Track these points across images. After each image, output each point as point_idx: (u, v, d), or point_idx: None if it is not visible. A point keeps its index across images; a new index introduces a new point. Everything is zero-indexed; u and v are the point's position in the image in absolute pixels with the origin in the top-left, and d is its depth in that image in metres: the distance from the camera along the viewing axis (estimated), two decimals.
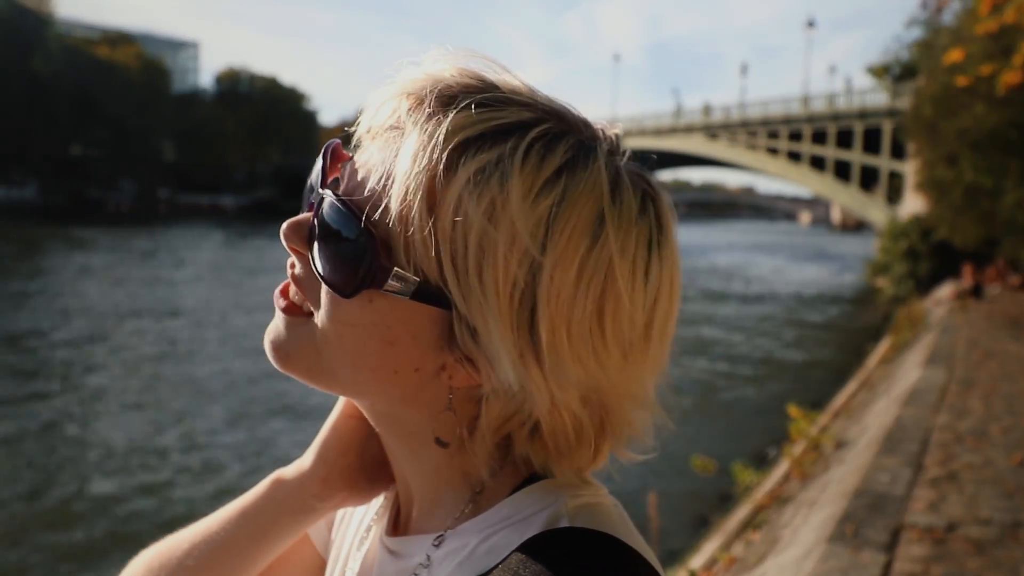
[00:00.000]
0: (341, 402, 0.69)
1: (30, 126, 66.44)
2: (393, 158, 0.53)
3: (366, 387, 0.58)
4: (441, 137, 0.50)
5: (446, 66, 0.55)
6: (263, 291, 23.75)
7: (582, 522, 0.55)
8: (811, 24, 59.82)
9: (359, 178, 0.55)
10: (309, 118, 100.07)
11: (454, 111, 0.51)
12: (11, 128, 64.72)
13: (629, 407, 0.58)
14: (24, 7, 68.27)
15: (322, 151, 0.59)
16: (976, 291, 19.02)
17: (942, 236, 21.92)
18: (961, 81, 14.40)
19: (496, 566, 0.54)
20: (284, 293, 0.60)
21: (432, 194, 0.51)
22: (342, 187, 0.57)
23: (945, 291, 20.79)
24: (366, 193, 0.53)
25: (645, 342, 0.55)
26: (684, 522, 6.85)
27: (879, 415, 7.51)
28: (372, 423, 0.64)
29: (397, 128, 0.54)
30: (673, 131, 46.15)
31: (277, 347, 0.59)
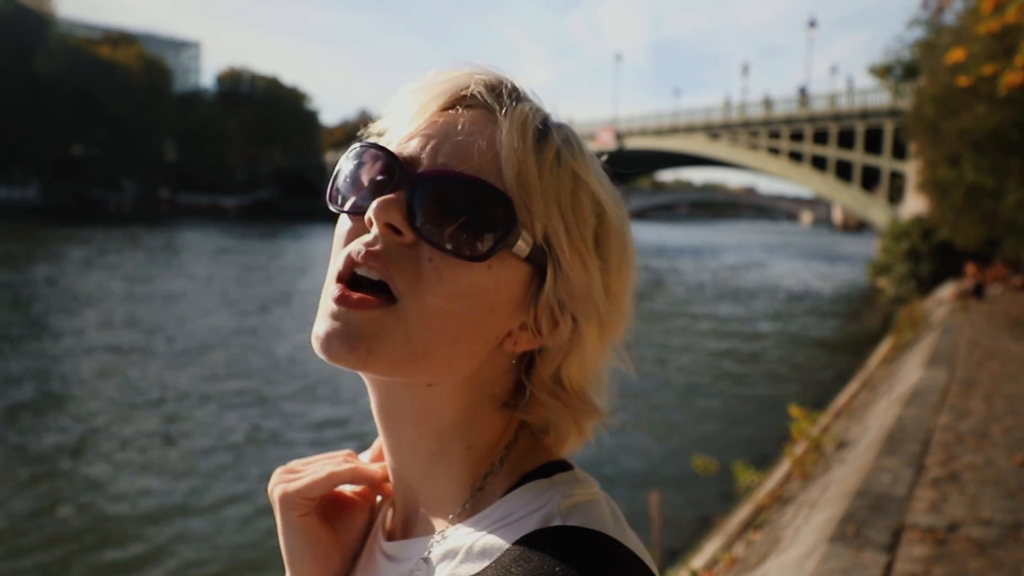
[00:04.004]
0: (279, 517, 0.69)
1: (31, 126, 66.58)
2: (492, 129, 0.59)
3: (458, 362, 0.59)
4: (539, 116, 0.61)
5: (485, 73, 0.63)
6: (260, 290, 23.78)
7: (575, 521, 0.56)
8: (813, 24, 59.72)
9: (454, 152, 0.58)
10: (310, 118, 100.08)
11: (529, 100, 0.62)
12: (13, 128, 64.87)
13: (594, 391, 0.66)
14: (26, 7, 68.39)
15: (380, 151, 0.59)
16: (977, 291, 18.97)
17: (943, 237, 21.89)
18: (963, 81, 14.37)
19: (489, 565, 0.55)
20: (346, 287, 0.56)
21: (541, 155, 0.59)
22: (439, 163, 0.58)
23: (946, 291, 20.77)
24: (475, 162, 0.57)
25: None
26: (685, 522, 6.85)
27: (880, 415, 7.50)
28: (384, 434, 0.66)
29: (478, 107, 0.61)
30: (674, 131, 46.02)
31: (354, 344, 0.55)
